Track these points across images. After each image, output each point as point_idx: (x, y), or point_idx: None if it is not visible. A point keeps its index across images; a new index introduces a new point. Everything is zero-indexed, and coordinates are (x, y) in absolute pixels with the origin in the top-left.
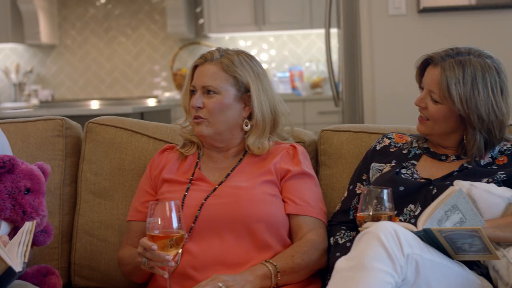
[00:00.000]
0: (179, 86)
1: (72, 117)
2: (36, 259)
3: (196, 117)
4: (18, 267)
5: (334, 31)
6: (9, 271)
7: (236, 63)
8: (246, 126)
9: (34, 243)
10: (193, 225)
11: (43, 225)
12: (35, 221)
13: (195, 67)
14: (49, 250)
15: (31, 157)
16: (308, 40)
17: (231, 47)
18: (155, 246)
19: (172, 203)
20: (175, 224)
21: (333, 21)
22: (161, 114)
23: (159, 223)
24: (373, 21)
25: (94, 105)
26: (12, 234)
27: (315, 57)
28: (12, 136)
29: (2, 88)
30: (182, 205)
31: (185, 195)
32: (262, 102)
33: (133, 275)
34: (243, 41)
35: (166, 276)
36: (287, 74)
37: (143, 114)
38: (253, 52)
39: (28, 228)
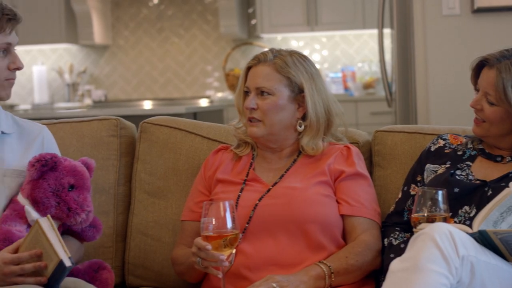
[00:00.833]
0: (231, 87)
1: (125, 117)
2: (91, 257)
3: (250, 118)
4: (67, 262)
5: (387, 31)
6: (60, 265)
7: (290, 64)
8: (300, 127)
9: (84, 238)
10: (247, 225)
11: (89, 221)
12: (48, 216)
13: (248, 68)
14: (104, 249)
15: (86, 156)
16: (361, 41)
17: (283, 47)
18: (209, 246)
19: (227, 203)
20: (229, 224)
21: (386, 21)
22: (214, 114)
23: (213, 223)
24: (426, 21)
25: (147, 105)
26: (59, 231)
27: (368, 57)
28: (68, 136)
29: (56, 88)
30: (236, 206)
31: (239, 196)
32: (316, 103)
33: (187, 274)
34: (295, 41)
35: (220, 276)
36: (340, 74)
37: (196, 114)
38: (305, 53)
39: (46, 226)
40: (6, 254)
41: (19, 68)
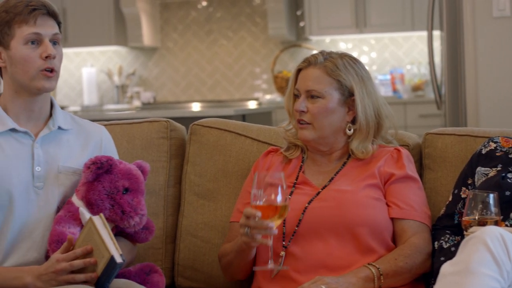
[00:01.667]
0: (279, 89)
1: (174, 119)
2: (141, 259)
3: (300, 121)
4: (118, 258)
5: (436, 33)
6: (111, 261)
7: (340, 67)
8: (349, 130)
9: (136, 240)
10: (296, 228)
11: (142, 224)
12: (101, 214)
13: (298, 70)
14: (153, 250)
15: (136, 158)
16: (410, 43)
17: (331, 49)
18: (259, 213)
19: (282, 175)
20: (280, 196)
21: (436, 23)
22: (262, 116)
23: (264, 194)
24: (476, 23)
25: (195, 107)
26: (113, 232)
27: (417, 59)
28: (118, 137)
29: (105, 90)
30: None
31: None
32: (366, 106)
33: (234, 265)
34: (343, 43)
35: (269, 244)
36: (388, 76)
37: (245, 117)
38: (353, 55)
39: (100, 222)
40: (59, 254)
41: (49, 56)
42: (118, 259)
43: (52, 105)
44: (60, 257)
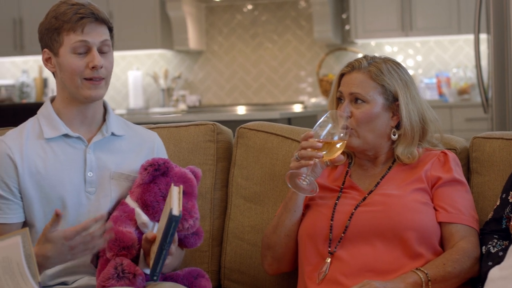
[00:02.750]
0: (325, 92)
1: (220, 122)
2: (187, 261)
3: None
4: (175, 211)
5: (483, 36)
6: (170, 215)
7: (384, 71)
8: (394, 135)
9: (185, 245)
10: (343, 234)
11: (195, 227)
12: (181, 186)
13: (341, 75)
14: (200, 253)
15: (183, 161)
16: (456, 46)
17: (377, 53)
18: (312, 132)
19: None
20: (336, 136)
21: (482, 27)
22: (308, 119)
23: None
24: None
25: (241, 110)
26: None
27: (463, 63)
28: (165, 140)
29: (151, 93)
30: (333, 213)
31: (336, 203)
32: (410, 111)
33: (277, 245)
34: (389, 46)
35: (310, 163)
36: (434, 80)
37: (290, 120)
38: (399, 58)
39: (177, 190)
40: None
41: (96, 67)
42: (175, 212)
43: (106, 111)
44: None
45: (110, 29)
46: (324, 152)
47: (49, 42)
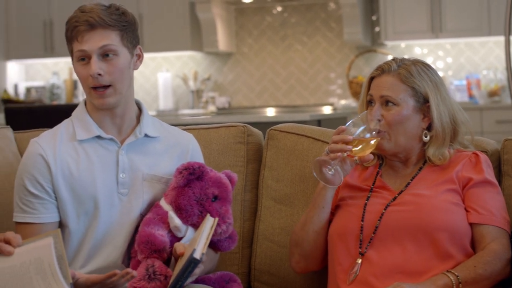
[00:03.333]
0: (354, 94)
1: (250, 124)
2: (217, 263)
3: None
4: (197, 254)
5: None
6: (191, 256)
7: (414, 74)
8: (425, 137)
9: (219, 248)
10: (373, 234)
11: (228, 232)
12: (216, 218)
13: (371, 78)
14: (230, 255)
15: (213, 163)
16: (486, 48)
17: (407, 54)
18: (343, 127)
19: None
20: (369, 134)
21: None
22: (338, 121)
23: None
24: None
25: (270, 112)
26: None
27: (493, 64)
28: None
29: (181, 95)
30: (364, 213)
31: (366, 203)
32: (441, 113)
33: (305, 241)
34: (419, 48)
35: (343, 156)
36: (464, 82)
37: (320, 122)
38: (429, 60)
39: (210, 224)
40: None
41: (92, 75)
42: (196, 254)
43: (140, 111)
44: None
45: (124, 29)
46: (356, 149)
47: (68, 49)
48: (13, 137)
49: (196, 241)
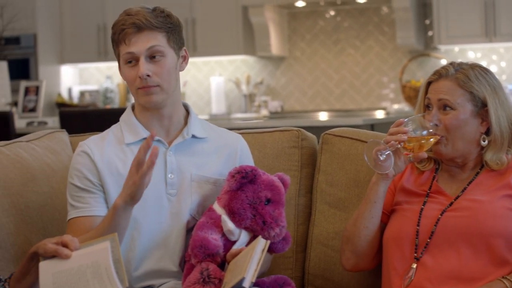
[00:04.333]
0: (407, 98)
1: (303, 128)
2: (271, 267)
3: None
4: (246, 283)
5: None
6: (241, 281)
7: (472, 78)
8: (484, 141)
9: (273, 250)
10: (429, 240)
11: (282, 235)
12: (268, 241)
13: (428, 83)
14: (284, 259)
15: (267, 167)
16: None
17: (460, 59)
18: (401, 120)
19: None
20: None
21: None
22: (391, 126)
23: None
24: None
25: (323, 116)
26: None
27: None
28: (250, 146)
29: (233, 99)
30: (420, 218)
31: (422, 208)
32: (500, 117)
33: (355, 235)
34: (472, 52)
35: (397, 147)
36: None
37: (373, 126)
38: (482, 64)
39: (262, 247)
40: None
41: (141, 77)
42: (246, 284)
43: (188, 113)
44: None
45: (170, 30)
46: (412, 144)
47: (115, 53)
48: (68, 140)
49: (246, 263)
